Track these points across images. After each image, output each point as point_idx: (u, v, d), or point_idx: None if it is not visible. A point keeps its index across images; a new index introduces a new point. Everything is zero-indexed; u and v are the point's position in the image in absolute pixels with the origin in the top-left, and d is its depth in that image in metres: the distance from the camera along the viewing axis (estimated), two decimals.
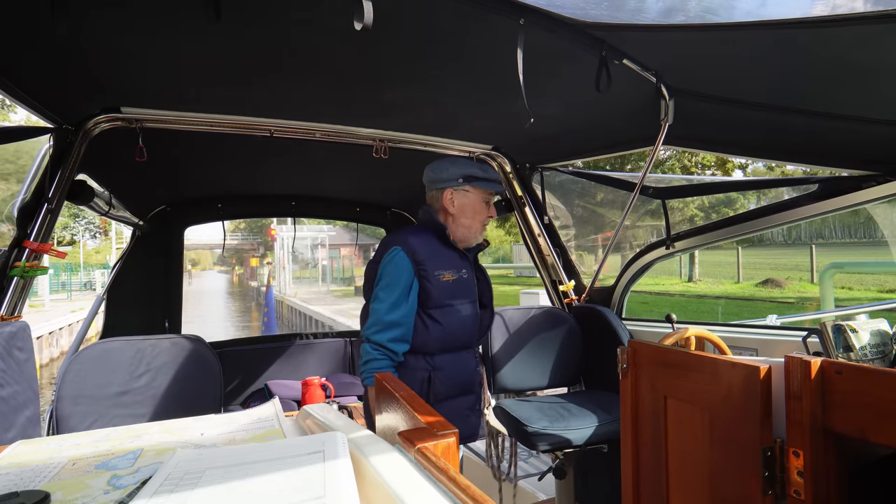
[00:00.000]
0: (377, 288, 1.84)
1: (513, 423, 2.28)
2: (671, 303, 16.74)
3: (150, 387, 2.03)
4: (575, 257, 3.11)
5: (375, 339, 1.77)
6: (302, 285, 32.07)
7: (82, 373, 1.94)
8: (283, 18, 1.38)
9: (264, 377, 3.25)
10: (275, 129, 2.24)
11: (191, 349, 2.10)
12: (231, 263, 63.24)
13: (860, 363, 1.36)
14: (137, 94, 1.90)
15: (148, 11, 1.30)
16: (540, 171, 2.94)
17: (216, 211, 3.34)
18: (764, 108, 1.70)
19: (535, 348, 2.77)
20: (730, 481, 1.19)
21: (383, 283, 1.81)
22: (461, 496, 0.55)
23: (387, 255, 1.84)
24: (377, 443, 0.74)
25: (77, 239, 37.44)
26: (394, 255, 1.82)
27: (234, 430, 0.98)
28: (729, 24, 1.34)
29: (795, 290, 16.03)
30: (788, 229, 17.53)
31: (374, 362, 1.76)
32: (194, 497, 0.60)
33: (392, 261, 1.82)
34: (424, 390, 1.84)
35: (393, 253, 1.82)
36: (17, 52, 1.44)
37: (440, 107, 2.15)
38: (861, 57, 1.32)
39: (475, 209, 1.92)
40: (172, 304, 3.18)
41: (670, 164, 18.71)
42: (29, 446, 0.92)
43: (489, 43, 1.53)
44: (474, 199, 1.92)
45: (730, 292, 17.28)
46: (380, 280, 1.84)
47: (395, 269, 1.81)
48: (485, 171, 1.94)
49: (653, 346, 1.46)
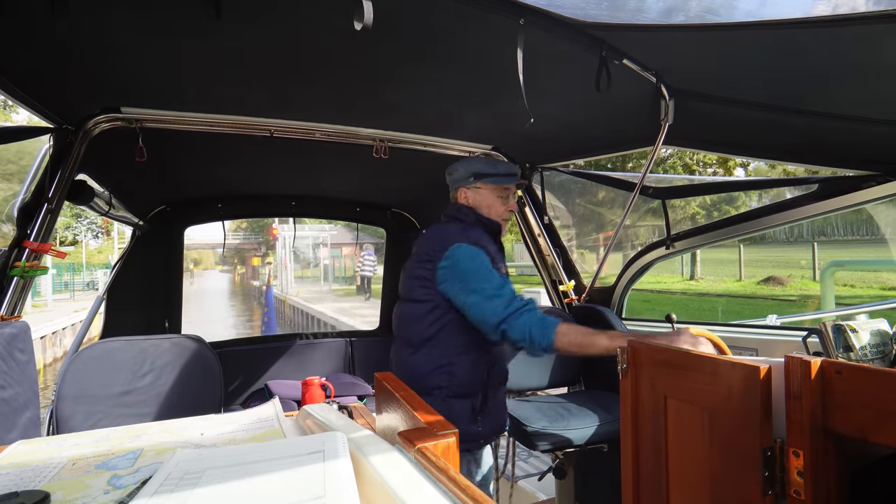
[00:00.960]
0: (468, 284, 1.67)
1: (513, 423, 2.29)
2: (673, 301, 16.73)
3: (153, 386, 2.03)
4: (576, 257, 3.11)
5: (513, 306, 1.61)
6: (304, 284, 32.09)
7: (84, 372, 1.95)
8: (283, 18, 1.38)
9: (265, 377, 3.26)
10: (275, 129, 2.24)
11: (191, 349, 2.11)
12: (233, 263, 63.27)
13: (860, 363, 1.36)
14: (137, 93, 1.90)
15: (148, 10, 1.30)
16: (540, 171, 2.94)
17: (216, 211, 3.34)
18: (764, 108, 1.70)
19: None
20: (730, 481, 1.19)
21: (473, 277, 1.67)
22: (461, 496, 0.55)
23: (457, 252, 1.72)
24: (377, 443, 0.74)
25: (80, 239, 37.52)
26: (466, 251, 1.72)
27: (234, 430, 0.98)
28: (729, 24, 1.34)
29: (797, 288, 16.01)
30: (790, 227, 17.56)
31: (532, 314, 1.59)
32: (194, 497, 0.60)
33: (469, 256, 1.71)
34: (483, 378, 1.78)
35: (463, 249, 1.72)
36: (17, 51, 1.44)
37: (440, 107, 2.15)
38: (861, 57, 1.32)
39: (489, 205, 1.91)
40: (172, 304, 3.19)
41: (671, 161, 18.74)
42: (29, 446, 0.92)
43: (489, 43, 1.53)
44: (486, 195, 1.91)
45: (732, 290, 17.25)
46: (464, 276, 1.68)
47: (478, 260, 1.71)
48: (494, 166, 1.91)
49: (653, 346, 1.46)
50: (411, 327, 1.79)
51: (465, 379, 1.75)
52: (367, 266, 21.84)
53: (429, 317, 1.75)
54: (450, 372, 1.74)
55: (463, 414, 1.75)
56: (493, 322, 1.60)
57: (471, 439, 1.77)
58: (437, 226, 1.91)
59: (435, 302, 1.75)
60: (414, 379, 1.74)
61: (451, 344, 1.75)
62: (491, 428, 1.83)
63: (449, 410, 1.71)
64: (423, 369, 1.75)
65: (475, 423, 1.77)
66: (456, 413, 1.73)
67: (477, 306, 1.64)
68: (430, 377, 1.74)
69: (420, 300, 1.77)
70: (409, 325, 1.81)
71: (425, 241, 1.85)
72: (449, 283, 1.71)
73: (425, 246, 1.82)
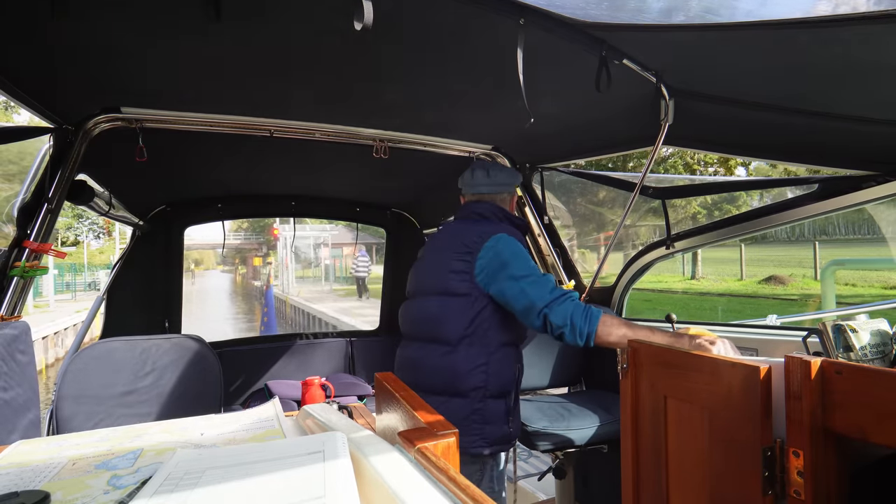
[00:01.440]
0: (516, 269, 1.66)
1: None
2: (674, 300, 16.72)
3: (155, 386, 2.04)
4: (578, 256, 3.11)
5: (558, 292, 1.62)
6: (305, 284, 32.13)
7: (85, 372, 1.95)
8: (283, 18, 1.38)
9: (265, 377, 3.26)
10: (275, 129, 2.24)
11: (191, 349, 2.11)
12: (234, 263, 63.27)
13: (860, 363, 1.36)
14: (137, 93, 1.90)
15: (148, 11, 1.30)
16: (540, 171, 2.94)
17: (216, 211, 3.34)
18: (764, 108, 1.70)
19: (535, 348, 2.77)
20: (730, 481, 1.19)
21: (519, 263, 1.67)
22: (461, 496, 0.55)
23: (500, 241, 1.73)
24: (377, 443, 0.75)
25: (81, 239, 37.56)
26: (509, 240, 1.73)
27: (234, 430, 0.99)
28: (729, 24, 1.34)
29: (799, 287, 15.99)
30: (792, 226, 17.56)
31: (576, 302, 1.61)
32: (194, 497, 0.60)
33: (512, 244, 1.72)
34: (514, 377, 1.78)
35: (506, 239, 1.73)
36: (17, 52, 1.45)
37: (440, 107, 2.15)
38: (862, 57, 1.32)
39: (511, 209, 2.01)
40: (172, 304, 3.19)
41: (672, 161, 18.72)
42: (29, 446, 0.92)
43: (489, 43, 1.53)
44: (510, 201, 2.01)
45: (733, 289, 17.24)
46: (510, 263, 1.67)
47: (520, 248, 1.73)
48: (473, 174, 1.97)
49: (653, 346, 1.46)
50: (446, 324, 1.74)
51: (500, 378, 1.73)
52: (361, 267, 22.43)
53: (469, 311, 1.72)
54: (486, 371, 1.71)
55: (498, 414, 1.73)
56: (540, 305, 1.58)
57: (505, 441, 1.75)
58: (466, 221, 1.88)
59: (475, 295, 1.71)
60: (450, 381, 1.71)
61: (487, 341, 1.72)
62: (518, 428, 1.83)
63: (484, 412, 1.71)
64: (462, 368, 1.70)
65: (507, 423, 1.75)
66: (492, 414, 1.71)
67: (523, 291, 1.62)
68: (469, 377, 1.70)
69: (459, 293, 1.73)
70: (443, 321, 1.74)
71: (458, 235, 1.81)
72: (490, 271, 1.69)
73: (460, 239, 1.78)
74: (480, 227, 1.79)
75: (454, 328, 1.72)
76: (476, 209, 1.90)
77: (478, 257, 1.71)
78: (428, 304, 1.82)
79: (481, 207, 1.90)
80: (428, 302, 1.82)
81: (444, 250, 1.83)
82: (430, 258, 1.90)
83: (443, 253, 1.82)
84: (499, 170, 1.95)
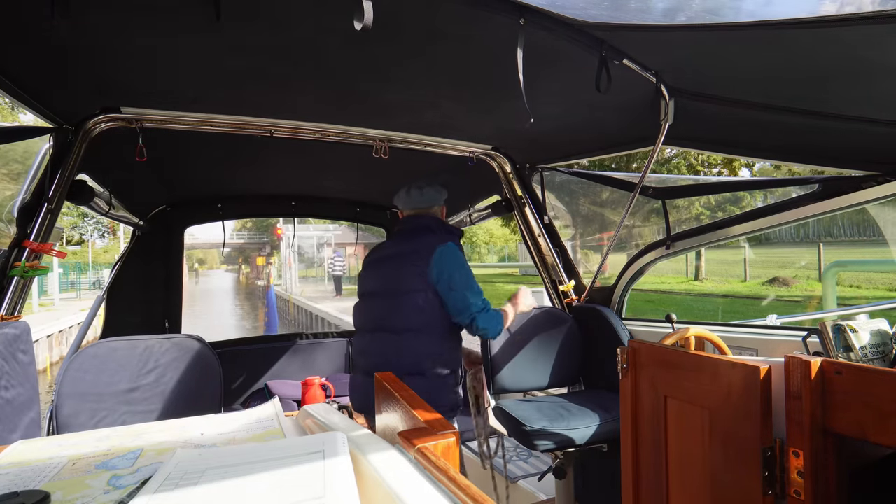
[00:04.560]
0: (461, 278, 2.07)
1: (512, 423, 2.28)
2: (676, 302, 16.68)
3: (156, 384, 2.04)
4: (580, 257, 3.10)
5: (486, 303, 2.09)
6: (308, 284, 32.17)
7: (87, 371, 1.95)
8: (283, 18, 1.38)
9: (265, 377, 3.26)
10: (275, 129, 2.24)
11: (192, 349, 2.11)
12: (238, 262, 63.32)
13: (860, 363, 1.36)
14: (137, 94, 1.90)
15: (148, 11, 1.31)
16: (540, 171, 2.94)
17: (216, 211, 3.35)
18: (764, 108, 1.70)
19: (534, 348, 2.76)
20: (730, 481, 1.19)
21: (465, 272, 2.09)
22: (461, 496, 0.55)
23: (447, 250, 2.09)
24: (377, 442, 0.75)
25: (86, 238, 37.63)
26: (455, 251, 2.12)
27: (234, 430, 0.99)
28: (729, 24, 1.34)
29: (802, 289, 15.95)
30: (796, 227, 17.45)
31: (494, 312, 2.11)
32: (194, 497, 0.61)
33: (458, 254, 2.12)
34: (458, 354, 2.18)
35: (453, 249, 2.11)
36: (18, 52, 1.45)
37: (440, 107, 2.15)
38: (862, 57, 1.31)
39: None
40: (172, 304, 3.19)
41: (676, 162, 18.63)
42: (29, 446, 0.92)
43: (489, 43, 1.53)
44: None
45: (736, 291, 17.19)
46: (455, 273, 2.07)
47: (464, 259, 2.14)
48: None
49: (653, 346, 1.46)
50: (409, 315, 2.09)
51: (450, 355, 2.13)
52: (337, 266, 25.50)
53: (425, 305, 2.08)
54: (440, 349, 2.09)
55: (450, 385, 2.12)
56: (473, 311, 2.05)
57: (457, 406, 2.15)
58: (415, 232, 2.21)
59: (430, 292, 2.08)
60: (410, 362, 2.06)
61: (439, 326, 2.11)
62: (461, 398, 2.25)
63: (443, 384, 2.09)
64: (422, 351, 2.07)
65: (455, 393, 2.15)
66: (448, 385, 2.10)
67: (464, 297, 2.06)
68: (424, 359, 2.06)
69: (416, 290, 2.08)
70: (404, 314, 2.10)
71: (411, 243, 2.15)
72: (438, 275, 2.06)
73: (413, 247, 2.13)
74: (428, 238, 2.14)
75: (416, 318, 2.08)
76: (421, 222, 2.25)
77: (430, 263, 2.07)
78: (394, 302, 2.13)
79: (425, 220, 2.25)
80: (395, 300, 2.12)
81: (402, 256, 2.15)
82: (389, 264, 2.20)
83: (403, 258, 2.14)
84: (430, 186, 2.28)
